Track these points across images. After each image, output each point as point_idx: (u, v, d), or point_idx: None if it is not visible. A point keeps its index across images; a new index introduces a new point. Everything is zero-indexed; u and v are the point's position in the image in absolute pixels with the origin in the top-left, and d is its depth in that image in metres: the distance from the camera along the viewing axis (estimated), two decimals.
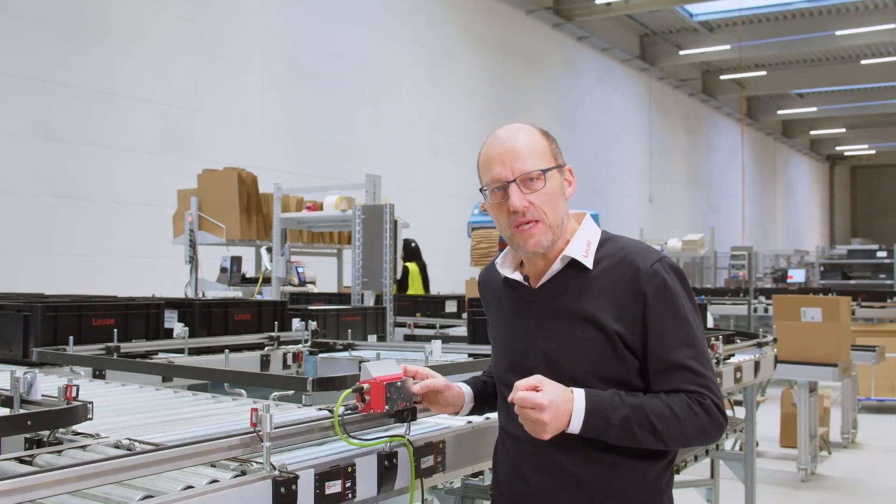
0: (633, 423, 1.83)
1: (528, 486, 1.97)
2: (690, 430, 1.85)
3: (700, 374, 1.88)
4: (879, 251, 19.51)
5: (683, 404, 1.86)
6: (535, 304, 1.98)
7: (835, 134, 36.14)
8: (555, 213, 1.93)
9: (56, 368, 3.42)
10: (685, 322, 1.90)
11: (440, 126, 15.69)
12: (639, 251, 1.95)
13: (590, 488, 1.91)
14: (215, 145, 11.04)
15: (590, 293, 1.92)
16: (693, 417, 1.85)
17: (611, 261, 1.94)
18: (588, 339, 1.90)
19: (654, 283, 1.89)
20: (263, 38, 12.16)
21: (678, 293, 1.91)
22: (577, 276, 1.94)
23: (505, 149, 1.93)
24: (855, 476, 7.15)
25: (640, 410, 1.84)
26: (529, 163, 1.91)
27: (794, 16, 21.37)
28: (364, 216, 6.17)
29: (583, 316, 1.90)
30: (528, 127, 1.98)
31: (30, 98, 9.19)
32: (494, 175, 1.93)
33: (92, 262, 9.63)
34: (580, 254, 1.95)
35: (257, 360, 4.00)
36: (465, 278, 9.96)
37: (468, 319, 4.57)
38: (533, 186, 1.91)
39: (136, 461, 1.59)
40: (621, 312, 1.89)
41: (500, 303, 2.09)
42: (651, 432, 1.83)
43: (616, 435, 1.84)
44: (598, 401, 1.83)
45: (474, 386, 2.19)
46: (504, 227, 1.95)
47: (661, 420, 1.83)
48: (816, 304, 7.08)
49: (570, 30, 19.98)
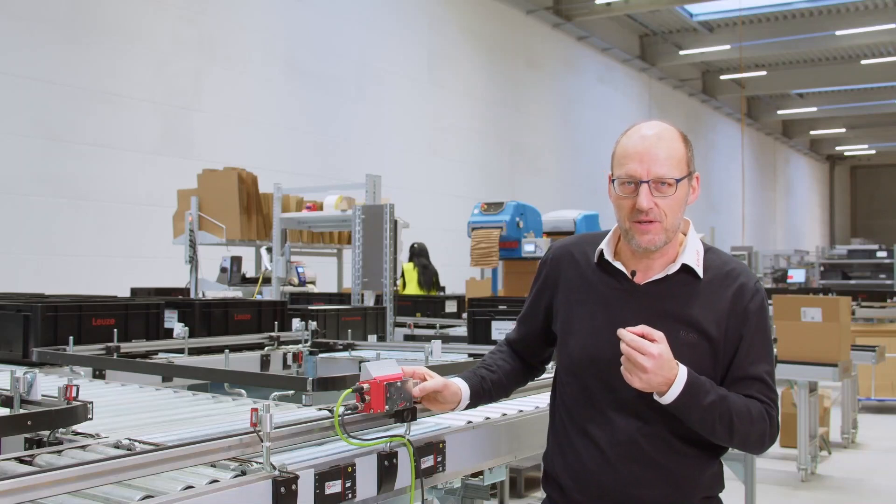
0: (717, 411, 1.92)
1: (617, 473, 2.00)
2: (755, 434, 1.97)
3: (772, 389, 2.03)
4: (879, 251, 19.50)
5: (759, 409, 1.98)
6: (638, 300, 2.03)
7: (835, 134, 36.15)
8: (675, 218, 2.00)
9: (56, 368, 3.42)
10: (769, 342, 2.06)
11: (440, 126, 15.69)
12: (741, 268, 2.09)
13: (673, 476, 2.00)
14: (215, 145, 11.04)
15: (697, 300, 2.02)
16: (762, 423, 1.98)
17: (717, 273, 2.05)
18: (690, 343, 1.98)
19: (755, 300, 2.04)
20: (263, 38, 12.16)
21: (768, 314, 2.09)
22: (687, 283, 2.04)
23: (646, 148, 1.97)
24: (855, 476, 7.15)
25: (724, 401, 1.94)
26: (666, 169, 1.96)
27: (794, 16, 21.37)
28: (364, 216, 6.17)
29: (689, 321, 1.99)
30: (671, 130, 2.02)
31: (30, 98, 9.19)
32: (630, 171, 1.97)
33: (92, 262, 9.63)
34: (693, 262, 2.04)
35: (257, 360, 4.00)
36: (465, 278, 9.97)
37: (468, 319, 4.57)
38: (663, 191, 1.97)
39: (136, 461, 1.59)
40: (723, 322, 2.01)
41: (589, 285, 2.10)
42: (727, 425, 1.93)
43: (699, 416, 1.92)
44: (696, 379, 1.92)
45: (472, 382, 2.18)
46: (623, 219, 2.01)
47: (739, 417, 1.94)
48: (816, 304, 7.07)
49: (570, 30, 19.98)
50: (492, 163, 17.24)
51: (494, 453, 2.37)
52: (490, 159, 17.22)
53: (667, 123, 2.04)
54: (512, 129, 17.79)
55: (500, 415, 2.44)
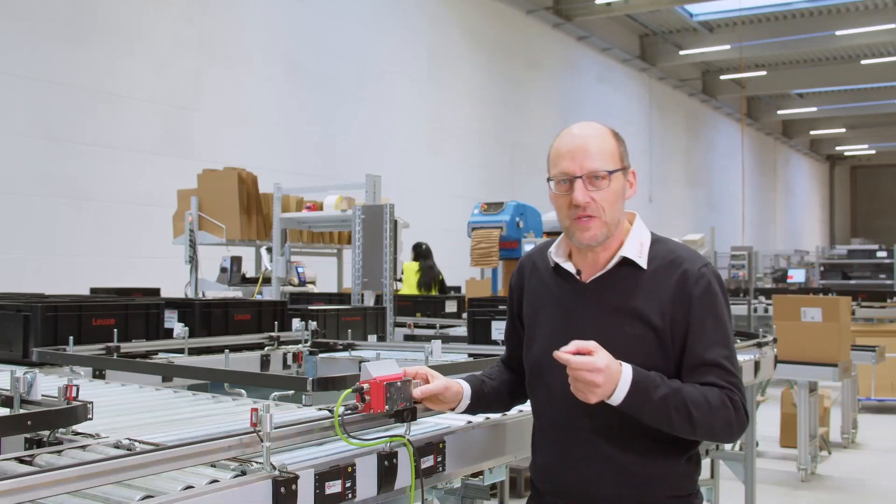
0: (671, 404, 1.90)
1: (577, 472, 2.02)
2: (719, 422, 1.93)
3: (731, 373, 1.98)
4: (879, 251, 19.50)
5: (717, 396, 1.94)
6: (586, 298, 2.06)
7: (835, 134, 36.14)
8: (613, 212, 2.03)
9: (56, 368, 3.42)
10: (722, 325, 2.01)
11: (440, 126, 15.69)
12: (688, 255, 2.06)
13: (633, 475, 1.99)
14: (215, 145, 11.04)
15: (641, 292, 2.01)
16: (724, 409, 1.94)
17: (661, 262, 2.04)
18: (637, 335, 1.98)
19: (700, 285, 2.00)
20: (263, 38, 12.16)
21: (719, 298, 2.03)
22: (630, 275, 2.04)
23: (577, 145, 2.02)
24: (855, 476, 7.15)
25: (678, 393, 1.91)
26: (598, 162, 2.00)
27: (794, 16, 21.36)
28: (364, 216, 6.17)
29: (634, 313, 2.00)
30: (601, 127, 2.07)
31: (30, 98, 9.19)
32: (563, 168, 2.02)
33: (92, 262, 9.62)
34: (635, 254, 2.04)
35: (257, 360, 4.00)
36: (465, 278, 9.97)
37: (468, 319, 4.57)
38: (598, 185, 2.00)
39: (136, 461, 1.59)
40: (668, 311, 1.99)
41: (547, 290, 2.14)
42: (685, 416, 1.90)
43: (652, 412, 1.90)
44: (642, 376, 1.90)
45: (473, 384, 2.20)
46: (563, 218, 2.05)
47: (696, 406, 1.91)
48: (816, 304, 7.08)
49: (570, 30, 19.97)
50: (492, 163, 17.24)
51: (494, 453, 2.37)
52: (490, 159, 17.22)
53: (598, 123, 2.08)
54: (512, 129, 17.80)
55: (500, 415, 2.44)
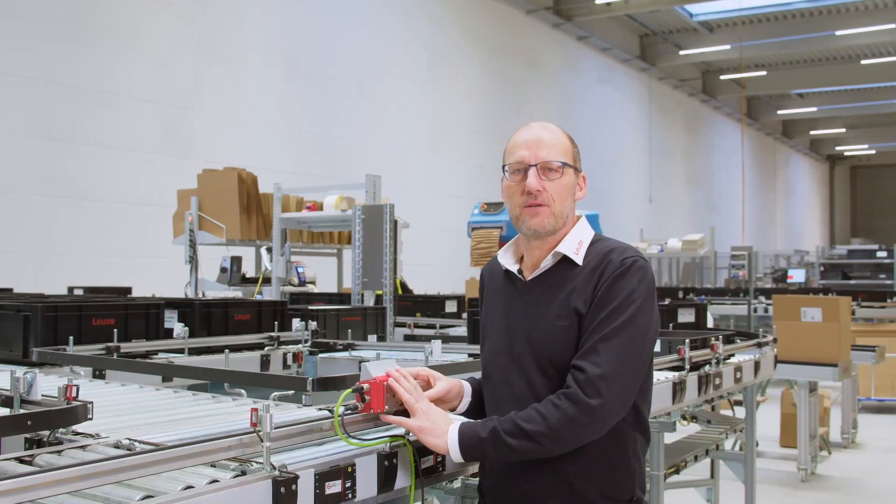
0: (501, 431, 1.92)
1: (510, 469, 2.04)
2: (557, 423, 1.89)
3: (584, 371, 1.92)
4: (879, 251, 19.48)
5: (547, 401, 1.93)
6: (526, 295, 2.10)
7: (835, 134, 36.14)
8: (562, 205, 2.07)
9: (56, 368, 3.42)
10: (615, 317, 1.95)
11: (440, 126, 15.69)
12: (621, 249, 2.05)
13: (562, 471, 1.98)
14: (215, 145, 11.04)
15: (574, 285, 2.03)
16: (555, 410, 1.90)
17: (595, 257, 2.06)
18: (565, 325, 2.00)
19: (613, 270, 1.99)
20: (263, 38, 12.15)
21: (630, 288, 1.97)
22: (566, 271, 2.06)
23: (533, 137, 2.10)
24: (855, 476, 7.15)
25: (507, 419, 1.93)
26: (552, 154, 2.07)
27: (794, 16, 21.36)
28: (364, 216, 6.17)
29: (564, 304, 2.02)
30: (557, 128, 2.15)
31: (30, 98, 9.19)
32: (518, 157, 2.09)
33: (92, 262, 9.62)
34: (571, 251, 2.07)
35: (257, 360, 4.00)
36: (465, 278, 9.97)
37: (468, 319, 4.57)
38: (550, 175, 2.06)
39: (136, 461, 1.59)
40: (588, 299, 2.00)
41: (497, 294, 2.20)
42: (521, 435, 1.90)
43: (491, 447, 1.93)
44: (468, 423, 1.98)
45: (473, 384, 2.24)
46: (514, 207, 2.10)
47: (527, 420, 1.92)
48: (816, 304, 7.07)
49: (570, 30, 19.97)
50: (492, 163, 17.20)
51: None
52: (490, 159, 17.19)
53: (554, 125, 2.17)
54: (512, 129, 17.32)
55: None
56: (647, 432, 2.11)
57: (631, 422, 2.03)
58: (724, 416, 5.64)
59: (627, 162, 22.95)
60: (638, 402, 2.04)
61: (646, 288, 1.99)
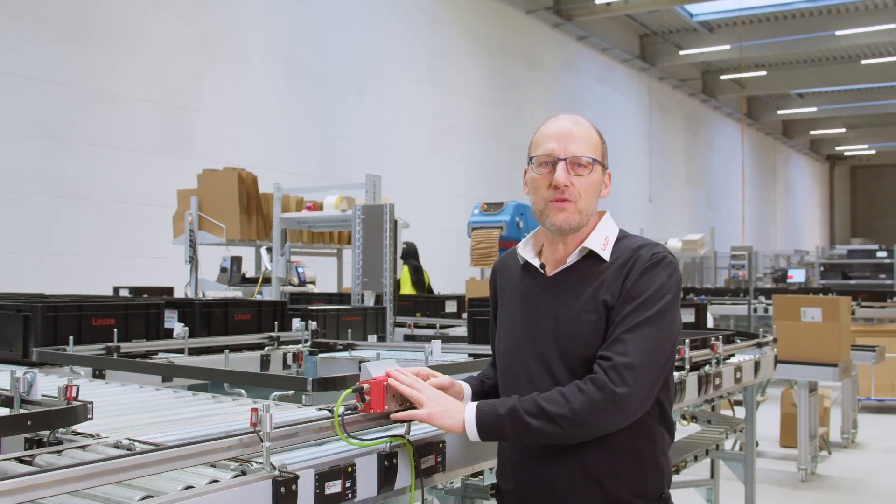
0: (521, 410, 1.89)
1: (540, 471, 2.02)
2: (581, 407, 1.87)
3: (610, 359, 1.90)
4: (879, 251, 19.48)
5: (572, 386, 1.91)
6: (548, 291, 2.06)
7: (835, 134, 36.14)
8: (588, 201, 2.04)
9: (56, 368, 3.41)
10: (644, 310, 1.93)
11: (440, 126, 15.69)
12: (651, 245, 2.03)
13: (590, 469, 1.97)
14: (215, 145, 11.04)
15: (602, 280, 2.00)
16: (579, 394, 1.88)
17: (623, 253, 2.03)
18: (594, 320, 1.97)
19: (644, 264, 1.97)
20: (263, 38, 12.15)
21: (660, 282, 1.96)
22: (592, 267, 2.03)
23: (564, 129, 2.05)
24: (855, 476, 7.15)
25: (529, 399, 1.91)
26: (583, 148, 2.03)
27: (794, 16, 21.36)
28: (364, 216, 6.17)
29: (591, 299, 1.99)
30: (588, 122, 2.11)
31: (30, 98, 9.18)
32: (547, 149, 2.03)
33: (92, 261, 9.62)
34: (598, 246, 2.04)
35: (257, 360, 4.00)
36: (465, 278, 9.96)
37: (468, 319, 4.57)
38: (579, 171, 2.02)
39: (136, 461, 1.59)
40: (617, 292, 1.98)
41: (514, 288, 2.15)
42: (542, 416, 1.87)
43: (510, 426, 1.90)
44: (486, 402, 1.97)
45: (472, 384, 2.23)
46: (539, 200, 2.05)
47: (550, 401, 1.89)
48: (816, 304, 7.07)
49: (570, 30, 19.97)
50: (492, 163, 17.23)
51: (495, 453, 2.36)
52: (490, 159, 17.22)
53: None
54: (512, 129, 17.79)
55: None
56: (672, 428, 2.09)
57: (656, 417, 2.01)
58: (724, 416, 5.65)
59: (627, 162, 22.94)
60: (661, 398, 2.01)
61: (675, 284, 1.97)
